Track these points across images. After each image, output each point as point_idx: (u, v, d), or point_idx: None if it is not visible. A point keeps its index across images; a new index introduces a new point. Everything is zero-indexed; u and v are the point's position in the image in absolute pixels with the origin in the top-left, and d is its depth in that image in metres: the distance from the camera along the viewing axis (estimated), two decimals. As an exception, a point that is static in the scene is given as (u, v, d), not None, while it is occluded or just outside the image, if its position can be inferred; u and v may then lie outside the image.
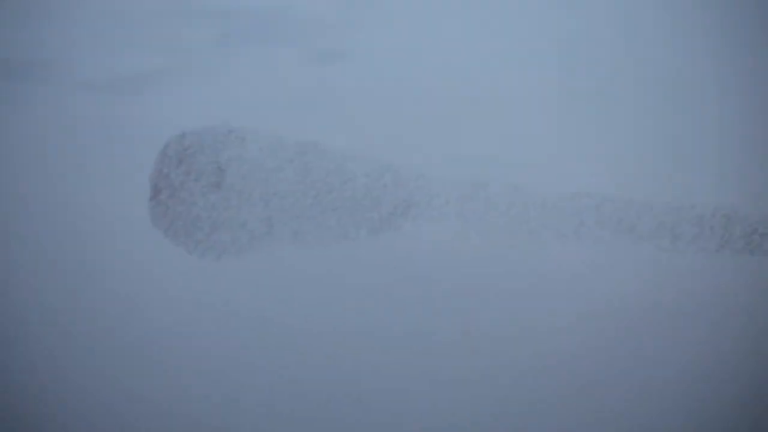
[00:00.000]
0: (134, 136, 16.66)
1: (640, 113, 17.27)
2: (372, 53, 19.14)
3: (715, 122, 16.98)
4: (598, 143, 16.45)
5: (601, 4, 20.68)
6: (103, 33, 20.21)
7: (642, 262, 13.83)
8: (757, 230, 14.09)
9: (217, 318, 13.11)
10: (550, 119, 17.10)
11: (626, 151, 16.27)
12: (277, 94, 17.75)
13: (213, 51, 19.55)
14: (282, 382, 12.10)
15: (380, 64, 18.82)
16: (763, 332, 12.59)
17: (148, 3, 21.32)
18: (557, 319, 12.89)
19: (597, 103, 17.52)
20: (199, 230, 14.77)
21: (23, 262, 14.02)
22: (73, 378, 12.11)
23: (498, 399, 11.81)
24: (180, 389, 11.98)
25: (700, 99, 17.55)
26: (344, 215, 15.04)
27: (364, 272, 13.90)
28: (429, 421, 11.56)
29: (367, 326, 12.93)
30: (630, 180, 15.51)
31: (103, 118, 17.08)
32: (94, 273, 13.86)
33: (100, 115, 17.14)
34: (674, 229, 14.26)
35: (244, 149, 16.63)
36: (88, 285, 13.60)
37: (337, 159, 16.35)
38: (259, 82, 18.32)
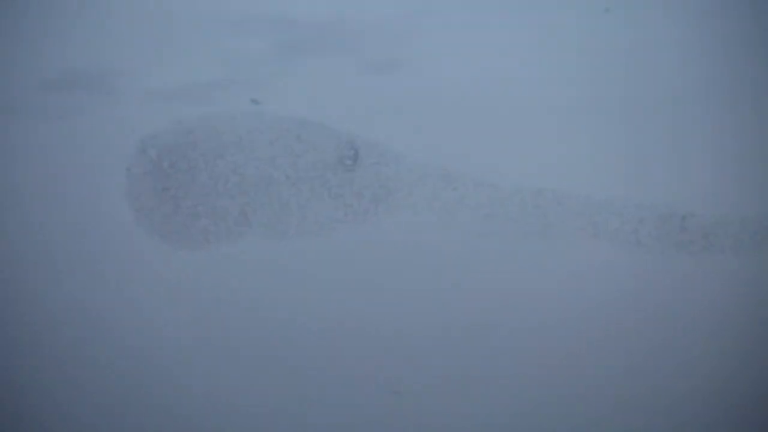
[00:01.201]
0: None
1: (605, 113, 17.31)
2: (425, 62, 19.26)
3: (675, 125, 17.04)
4: (564, 142, 16.52)
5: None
6: (164, 43, 20.51)
7: (604, 261, 14.05)
8: (713, 231, 14.32)
9: (196, 309, 13.44)
10: (529, 117, 17.36)
11: (590, 150, 16.34)
12: (334, 103, 18.05)
13: (271, 61, 19.94)
14: (259, 373, 12.45)
15: (432, 72, 18.92)
16: (720, 330, 13.00)
17: (208, 14, 21.56)
18: (526, 315, 13.28)
19: (566, 104, 17.52)
20: (182, 221, 15.16)
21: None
22: (59, 373, 12.54)
23: (475, 389, 12.36)
24: (167, 382, 12.43)
25: (661, 100, 17.56)
26: (325, 203, 15.43)
27: (343, 262, 14.22)
28: (408, 416, 12.01)
29: (345, 317, 13.27)
30: (593, 178, 15.64)
31: (165, 126, 17.40)
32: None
33: (161, 124, 17.49)
34: (637, 229, 14.46)
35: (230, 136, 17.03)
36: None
37: (329, 142, 16.74)
38: (317, 91, 18.59)
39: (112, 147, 16.76)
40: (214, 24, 21.54)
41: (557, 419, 12.04)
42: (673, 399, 12.21)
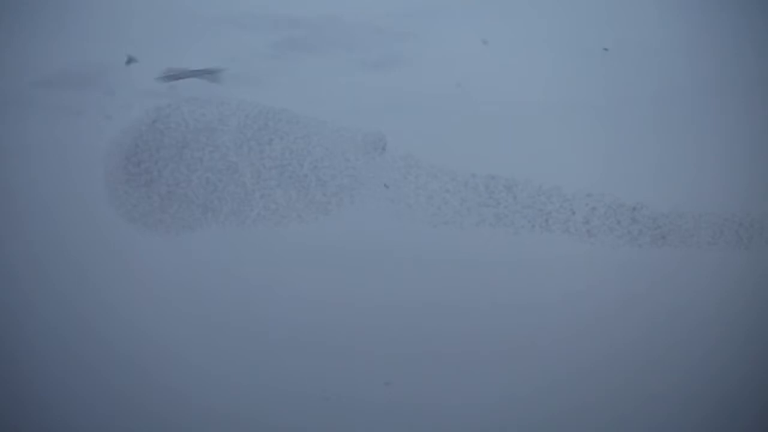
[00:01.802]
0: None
1: (562, 106, 16.92)
2: (423, 61, 19.24)
3: (627, 117, 16.71)
4: (520, 132, 16.29)
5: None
6: (163, 41, 20.50)
7: (555, 252, 13.88)
8: (664, 224, 14.10)
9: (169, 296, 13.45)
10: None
11: (544, 139, 16.11)
12: (330, 99, 17.72)
13: (269, 58, 19.91)
14: (240, 368, 12.45)
15: (428, 71, 18.88)
16: (672, 324, 12.79)
17: (207, 12, 21.65)
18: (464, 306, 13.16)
19: (526, 97, 17.22)
20: (153, 209, 15.08)
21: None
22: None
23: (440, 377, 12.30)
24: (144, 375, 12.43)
25: (616, 92, 17.41)
26: (289, 193, 15.29)
27: (307, 251, 14.08)
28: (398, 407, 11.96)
29: (322, 308, 13.23)
30: (544, 167, 15.50)
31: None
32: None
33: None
34: (588, 220, 14.22)
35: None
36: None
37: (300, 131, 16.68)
38: (313, 87, 18.18)
39: (110, 145, 16.47)
40: (214, 22, 21.68)
41: (508, 416, 11.79)
42: (627, 397, 11.90)
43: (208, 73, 15.81)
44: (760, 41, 19.00)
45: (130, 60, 14.13)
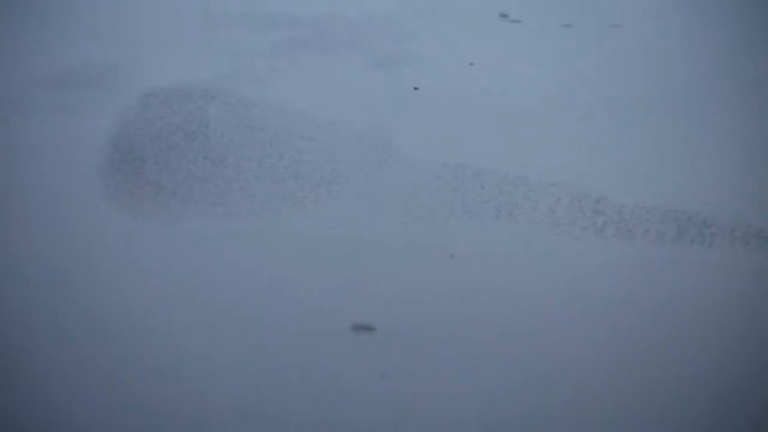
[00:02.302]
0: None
1: (531, 99, 17.45)
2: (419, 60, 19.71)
3: (597, 110, 17.07)
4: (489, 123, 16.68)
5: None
6: (166, 41, 20.83)
7: (522, 243, 13.64)
8: (628, 217, 13.97)
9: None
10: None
11: (513, 130, 16.44)
12: (334, 97, 18.26)
13: (270, 57, 20.16)
14: (235, 362, 11.97)
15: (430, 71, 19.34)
16: (632, 316, 12.44)
17: (209, 11, 21.93)
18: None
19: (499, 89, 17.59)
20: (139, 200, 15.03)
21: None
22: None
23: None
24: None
25: (584, 86, 17.48)
26: (266, 186, 15.27)
27: (286, 245, 13.86)
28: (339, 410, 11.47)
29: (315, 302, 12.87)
30: (511, 157, 15.66)
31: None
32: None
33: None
34: (553, 210, 14.15)
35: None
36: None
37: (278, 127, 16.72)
38: (317, 85, 18.94)
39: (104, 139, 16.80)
40: (215, 21, 21.92)
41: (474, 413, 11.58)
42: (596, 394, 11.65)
43: None
44: (756, 41, 18.97)
45: None
